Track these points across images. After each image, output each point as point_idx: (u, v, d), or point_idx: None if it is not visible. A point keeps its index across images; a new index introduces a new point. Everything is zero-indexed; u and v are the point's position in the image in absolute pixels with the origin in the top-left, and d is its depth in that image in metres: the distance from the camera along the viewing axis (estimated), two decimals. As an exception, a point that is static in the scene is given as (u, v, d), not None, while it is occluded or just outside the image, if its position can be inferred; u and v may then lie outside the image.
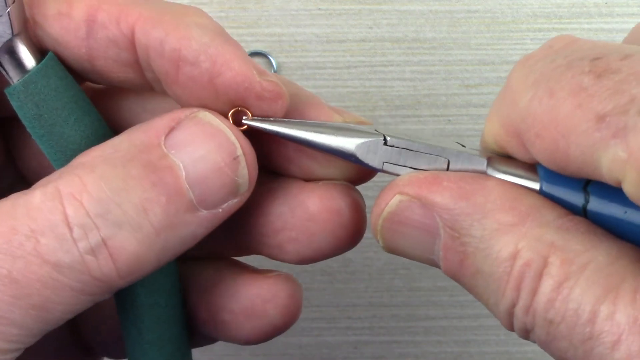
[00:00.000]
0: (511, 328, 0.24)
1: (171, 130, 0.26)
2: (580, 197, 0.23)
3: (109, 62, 0.28)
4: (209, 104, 0.27)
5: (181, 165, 0.26)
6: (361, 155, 0.26)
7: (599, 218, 0.23)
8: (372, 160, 0.26)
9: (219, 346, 0.46)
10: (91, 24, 0.27)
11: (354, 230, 0.29)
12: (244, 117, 0.27)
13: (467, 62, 0.46)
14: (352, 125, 0.27)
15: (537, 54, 0.24)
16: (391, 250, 0.27)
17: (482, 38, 0.46)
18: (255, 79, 0.27)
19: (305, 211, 0.29)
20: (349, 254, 0.46)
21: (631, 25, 0.45)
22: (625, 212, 0.23)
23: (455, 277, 0.25)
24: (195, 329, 0.32)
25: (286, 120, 0.27)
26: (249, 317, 0.31)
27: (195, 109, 0.27)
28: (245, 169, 0.27)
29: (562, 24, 0.46)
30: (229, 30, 0.45)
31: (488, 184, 0.24)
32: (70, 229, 0.25)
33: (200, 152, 0.26)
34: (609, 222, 0.23)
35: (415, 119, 0.46)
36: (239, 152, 0.27)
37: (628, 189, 0.21)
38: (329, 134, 0.27)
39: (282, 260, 0.30)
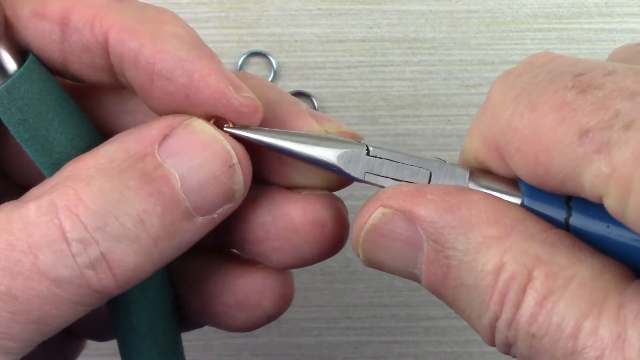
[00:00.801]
0: (492, 342, 0.24)
1: (165, 138, 0.26)
2: (562, 212, 0.23)
3: (82, 65, 0.28)
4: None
5: (177, 174, 0.26)
6: (343, 165, 0.26)
7: (581, 233, 0.23)
8: (354, 171, 0.26)
9: (219, 346, 0.46)
10: (65, 27, 0.27)
11: (337, 241, 0.29)
12: (225, 125, 0.27)
13: (467, 62, 0.46)
14: (334, 135, 0.27)
15: (518, 70, 0.24)
16: (371, 263, 0.26)
17: (482, 38, 0.46)
18: (233, 95, 0.27)
19: (289, 222, 0.29)
20: (349, 254, 0.46)
21: (631, 25, 0.45)
22: (608, 227, 0.23)
23: (436, 290, 0.25)
24: (186, 317, 0.32)
25: (268, 129, 0.27)
26: (242, 308, 0.31)
27: (187, 117, 0.27)
28: (240, 176, 0.27)
29: (562, 24, 0.46)
30: (229, 30, 0.46)
31: (473, 197, 0.24)
32: (69, 244, 0.25)
33: (196, 161, 0.26)
34: (591, 237, 0.23)
35: (415, 119, 0.46)
36: (235, 160, 0.27)
37: (610, 204, 0.21)
38: (310, 143, 0.27)
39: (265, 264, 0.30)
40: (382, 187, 0.26)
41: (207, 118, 0.27)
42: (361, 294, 0.46)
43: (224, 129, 0.27)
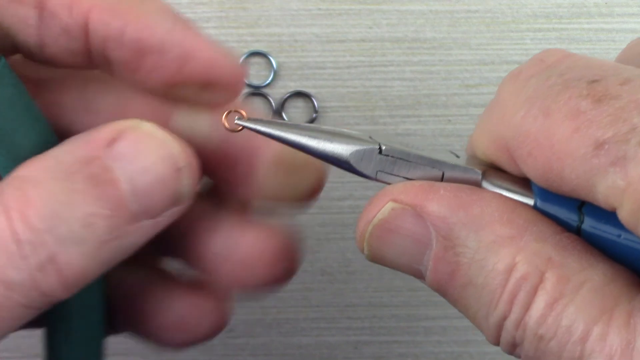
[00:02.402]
0: (497, 342, 0.24)
1: (113, 141, 0.26)
2: (575, 217, 0.23)
3: (60, 49, 0.27)
4: (173, 90, 0.27)
5: (124, 177, 0.26)
6: (355, 163, 0.26)
7: (593, 238, 0.23)
8: (366, 169, 0.26)
9: (219, 346, 0.46)
10: (42, 11, 0.27)
11: (288, 271, 0.30)
12: (237, 118, 0.27)
13: (467, 62, 0.46)
14: (347, 131, 0.27)
15: (528, 69, 0.24)
16: (375, 258, 0.26)
17: (482, 38, 0.46)
18: (226, 61, 0.27)
19: (239, 254, 0.29)
20: (349, 254, 0.46)
21: (631, 25, 0.45)
22: (619, 236, 0.23)
23: (441, 288, 0.25)
24: (117, 329, 0.32)
25: (280, 122, 0.27)
26: (177, 330, 0.31)
27: (137, 120, 0.27)
28: (188, 179, 0.27)
29: (562, 24, 0.46)
30: (229, 30, 0.46)
31: (485, 195, 0.24)
32: (19, 246, 0.24)
33: (143, 164, 0.26)
34: (602, 243, 0.23)
35: (415, 119, 0.46)
36: (182, 163, 0.26)
37: (624, 216, 0.21)
38: (323, 139, 0.26)
39: None
40: None
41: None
42: (361, 294, 0.46)
43: (236, 121, 0.27)
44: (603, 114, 0.21)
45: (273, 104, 0.45)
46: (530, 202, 0.24)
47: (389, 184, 0.26)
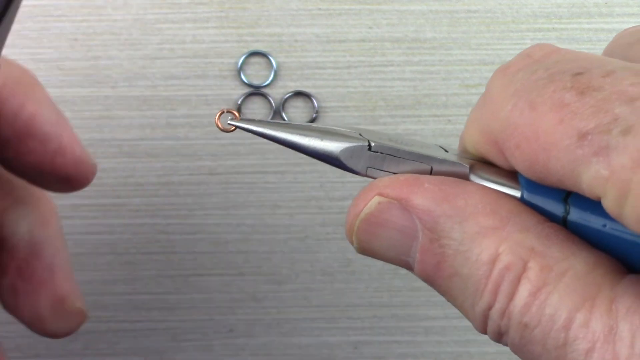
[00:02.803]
0: (484, 331, 0.24)
1: None
2: (561, 208, 0.24)
3: None
4: (33, 173, 0.30)
5: None
6: (345, 160, 0.26)
7: (579, 229, 0.23)
8: (356, 165, 0.26)
9: (218, 346, 0.46)
10: None
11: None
12: (230, 118, 0.27)
13: (467, 62, 0.46)
14: (337, 128, 0.27)
15: (516, 63, 0.24)
16: (364, 251, 0.26)
17: (482, 38, 0.46)
18: (89, 162, 0.30)
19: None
20: (349, 254, 0.46)
21: (631, 25, 0.45)
22: (604, 225, 0.23)
23: (428, 279, 0.25)
24: None
25: (272, 122, 0.27)
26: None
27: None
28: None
29: (562, 24, 0.46)
30: (229, 30, 0.46)
31: (469, 187, 0.24)
32: None
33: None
34: (588, 233, 0.23)
35: (415, 119, 0.46)
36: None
37: (608, 204, 0.21)
38: (314, 137, 0.27)
39: None
40: None
41: (217, 113, 0.28)
42: (361, 294, 0.46)
43: (229, 122, 0.27)
44: (586, 105, 0.21)
45: (273, 104, 0.45)
46: (517, 194, 0.25)
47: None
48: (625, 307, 0.21)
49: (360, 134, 0.27)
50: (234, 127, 0.27)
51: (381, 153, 0.26)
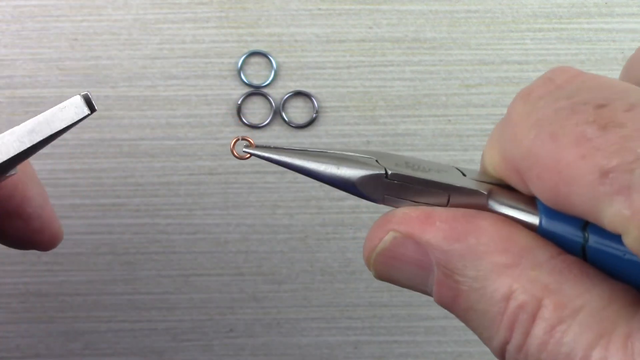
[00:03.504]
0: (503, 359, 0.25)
1: None
2: (580, 234, 0.24)
3: None
4: (12, 242, 0.32)
5: None
6: (362, 188, 0.26)
7: (597, 255, 0.23)
8: (373, 194, 0.26)
9: (218, 346, 0.46)
10: None
11: None
12: (245, 145, 0.28)
13: (467, 62, 0.46)
14: (353, 155, 0.27)
15: (538, 89, 0.24)
16: (383, 280, 0.27)
17: (482, 38, 0.46)
18: (61, 232, 0.34)
19: None
20: (349, 254, 0.46)
21: (631, 25, 0.45)
22: (625, 255, 0.23)
23: (447, 308, 0.25)
24: None
25: (287, 148, 0.27)
26: None
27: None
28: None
29: (562, 24, 0.46)
30: (228, 30, 0.46)
31: (481, 224, 0.25)
32: None
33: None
34: (606, 260, 0.23)
35: (415, 119, 0.46)
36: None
37: (629, 243, 0.21)
38: (331, 164, 0.27)
39: None
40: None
41: (232, 140, 0.28)
42: (361, 294, 0.46)
43: (244, 150, 0.27)
44: (608, 142, 0.21)
45: (273, 103, 0.45)
46: (536, 220, 0.24)
47: (396, 207, 0.26)
48: None
49: (377, 160, 0.27)
50: (249, 155, 0.27)
51: (397, 182, 0.26)
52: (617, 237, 0.22)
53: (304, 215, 0.46)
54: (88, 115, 0.27)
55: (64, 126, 0.27)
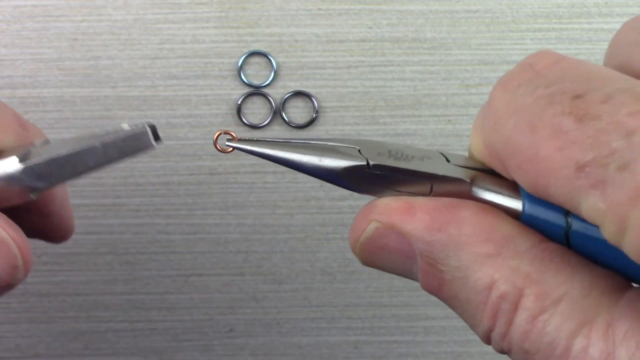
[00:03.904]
0: (489, 344, 0.25)
1: None
2: (563, 220, 0.24)
3: None
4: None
5: None
6: (344, 180, 0.26)
7: (580, 242, 0.24)
8: (355, 185, 0.26)
9: (218, 346, 0.46)
10: None
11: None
12: (227, 139, 0.28)
13: (467, 62, 0.46)
14: (335, 144, 0.27)
15: (518, 76, 0.24)
16: (370, 266, 0.27)
17: (482, 38, 0.46)
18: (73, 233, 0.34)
19: None
20: (349, 254, 0.46)
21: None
22: (606, 240, 0.23)
23: (433, 295, 0.26)
24: None
25: (269, 140, 0.27)
26: None
27: None
28: (22, 273, 0.28)
29: (562, 24, 0.46)
30: (229, 30, 0.46)
31: (463, 214, 0.25)
32: None
33: None
34: (589, 247, 0.23)
35: (415, 119, 0.46)
36: (19, 262, 0.28)
37: (606, 235, 0.21)
38: (313, 155, 0.27)
39: None
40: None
41: (215, 134, 0.28)
42: (361, 294, 0.46)
43: (227, 143, 0.27)
44: (584, 135, 0.21)
45: (273, 104, 0.45)
46: (520, 205, 0.25)
47: (379, 197, 0.26)
48: (623, 332, 0.22)
49: (359, 150, 0.26)
50: (231, 149, 0.28)
51: (380, 172, 0.26)
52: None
53: (304, 215, 0.46)
54: (153, 147, 0.27)
55: (126, 159, 0.27)
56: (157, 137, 0.27)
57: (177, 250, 0.46)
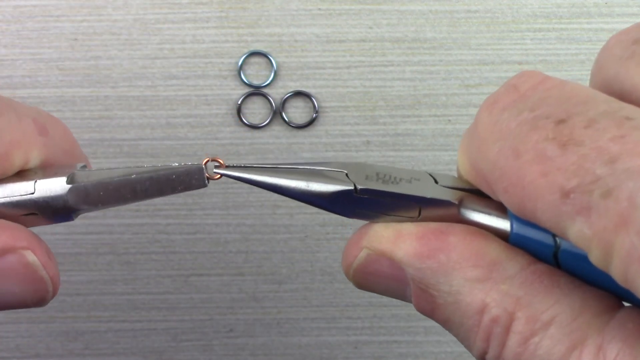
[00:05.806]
0: None
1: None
2: (551, 240, 0.24)
3: None
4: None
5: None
6: (331, 205, 0.26)
7: (569, 262, 0.24)
8: (343, 210, 0.26)
9: (218, 346, 0.46)
10: None
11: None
12: (215, 166, 0.28)
13: (467, 62, 0.46)
14: (323, 169, 0.27)
15: (503, 98, 0.24)
16: (364, 290, 0.28)
17: (482, 38, 0.46)
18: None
19: None
20: (349, 254, 0.46)
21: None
22: None
23: (428, 317, 0.26)
24: None
25: (257, 166, 0.27)
26: None
27: (20, 243, 0.27)
28: (50, 296, 0.28)
29: (562, 24, 0.46)
30: (228, 30, 0.46)
31: (450, 240, 0.25)
32: None
33: (13, 289, 0.27)
34: (578, 266, 0.23)
35: (415, 119, 0.46)
36: (50, 288, 0.28)
37: (594, 260, 0.21)
38: (300, 180, 0.26)
39: None
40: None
41: (203, 161, 0.28)
42: (361, 294, 0.46)
43: (214, 170, 0.28)
44: (568, 161, 0.21)
45: (273, 104, 0.45)
46: (507, 225, 0.25)
47: (367, 221, 0.26)
48: (614, 354, 0.22)
49: (347, 174, 0.26)
50: (219, 175, 0.28)
51: (368, 196, 0.26)
52: None
53: (304, 215, 0.46)
54: (205, 185, 0.27)
55: (172, 194, 0.27)
56: (209, 177, 0.27)
57: (177, 250, 0.46)
